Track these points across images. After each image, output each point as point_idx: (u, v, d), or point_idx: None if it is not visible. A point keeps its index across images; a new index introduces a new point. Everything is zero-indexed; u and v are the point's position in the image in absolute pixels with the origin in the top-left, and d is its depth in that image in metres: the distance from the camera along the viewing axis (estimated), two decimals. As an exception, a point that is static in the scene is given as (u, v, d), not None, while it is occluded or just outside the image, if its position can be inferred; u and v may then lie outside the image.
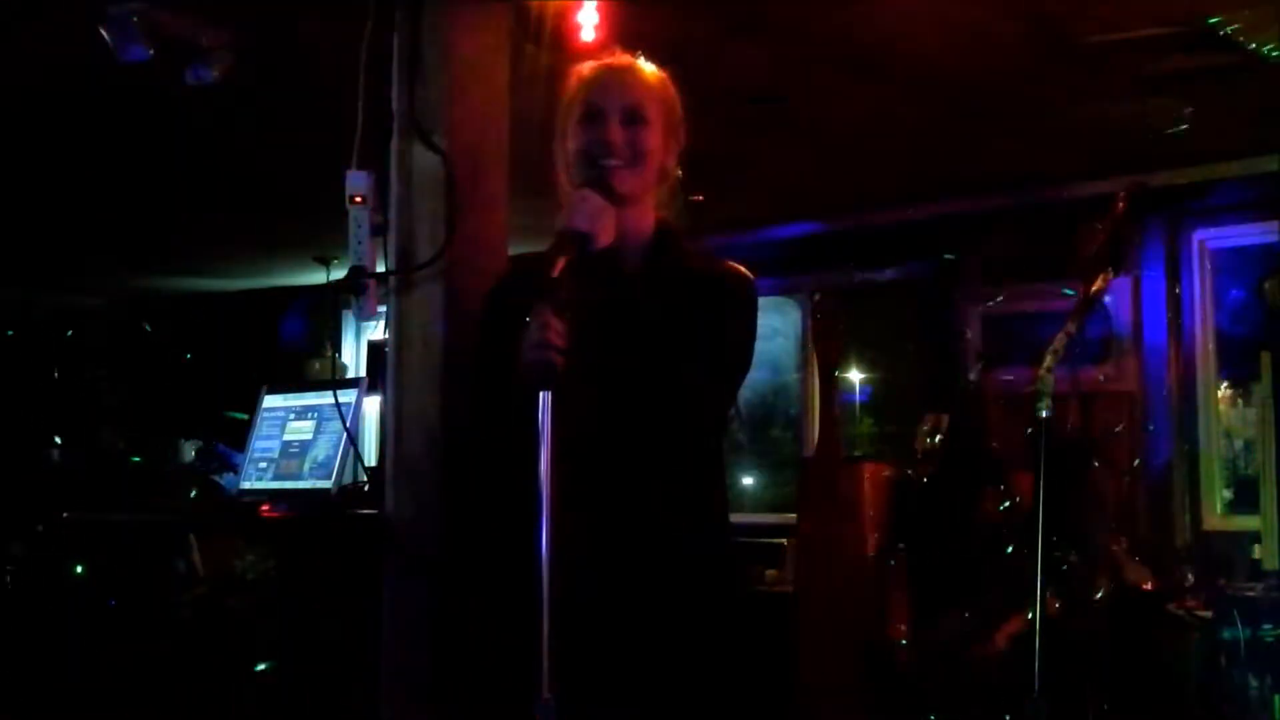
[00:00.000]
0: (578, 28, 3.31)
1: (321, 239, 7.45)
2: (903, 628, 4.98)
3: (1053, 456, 3.12)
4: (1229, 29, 4.01)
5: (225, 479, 6.13)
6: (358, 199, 2.73)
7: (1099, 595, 4.76)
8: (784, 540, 6.25)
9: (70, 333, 9.82)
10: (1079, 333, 3.51)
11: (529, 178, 2.52)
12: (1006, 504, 5.02)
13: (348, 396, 3.13)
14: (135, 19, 3.63)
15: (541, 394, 1.92)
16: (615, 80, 2.28)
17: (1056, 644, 3.83)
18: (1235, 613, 4.17)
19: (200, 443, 7.41)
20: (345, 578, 3.02)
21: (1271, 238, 5.63)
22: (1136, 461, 5.83)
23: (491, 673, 2.24)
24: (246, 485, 3.43)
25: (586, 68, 2.33)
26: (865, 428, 7.00)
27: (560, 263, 2.01)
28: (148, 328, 9.80)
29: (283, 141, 5.39)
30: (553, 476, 1.89)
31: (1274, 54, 4.14)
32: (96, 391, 9.65)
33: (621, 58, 2.34)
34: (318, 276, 8.32)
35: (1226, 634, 4.16)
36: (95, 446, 8.89)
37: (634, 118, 2.25)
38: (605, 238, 2.09)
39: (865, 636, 5.13)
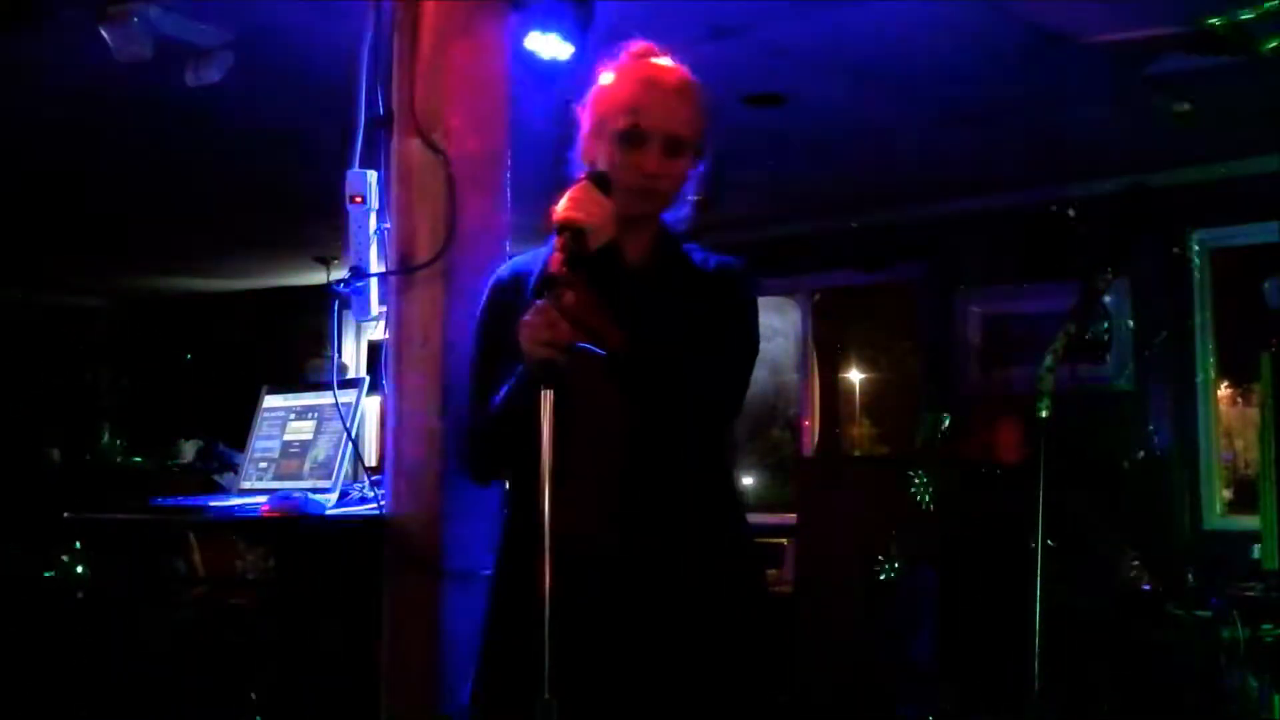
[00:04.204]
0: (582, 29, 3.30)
1: (321, 239, 7.46)
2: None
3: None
4: (1229, 29, 4.01)
5: (225, 479, 6.15)
6: (358, 199, 2.74)
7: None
8: (784, 540, 6.25)
9: (70, 334, 9.82)
10: (1079, 333, 3.52)
11: (529, 178, 2.52)
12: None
13: (348, 396, 3.13)
14: (135, 19, 3.63)
15: (544, 391, 1.92)
16: (665, 104, 2.18)
17: (1057, 644, 3.83)
18: (1235, 613, 4.17)
19: (200, 443, 7.43)
20: (345, 578, 3.02)
21: (1271, 238, 5.63)
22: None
23: (493, 673, 2.23)
24: (246, 485, 3.43)
25: (634, 72, 2.23)
26: (865, 428, 7.01)
27: (558, 257, 2.01)
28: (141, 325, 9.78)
29: (283, 141, 5.39)
30: (559, 472, 1.89)
31: (1274, 54, 4.14)
32: (96, 391, 9.66)
33: (669, 71, 2.24)
34: (318, 276, 8.34)
35: (1226, 634, 4.16)
36: (95, 446, 8.90)
37: (675, 149, 2.18)
38: (605, 231, 2.05)
39: (865, 636, 5.13)
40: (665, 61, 2.27)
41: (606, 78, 2.26)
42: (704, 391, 2.14)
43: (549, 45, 2.99)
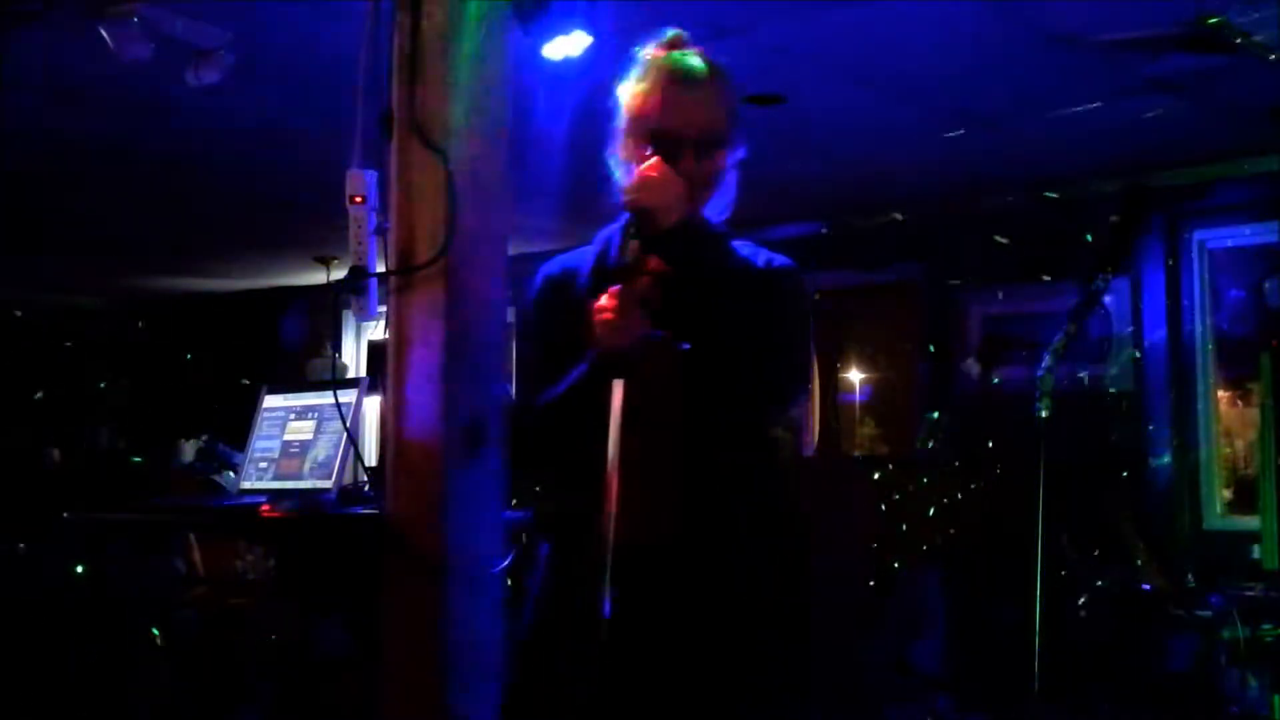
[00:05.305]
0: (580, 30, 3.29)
1: (321, 239, 7.46)
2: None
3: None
4: (1229, 29, 4.01)
5: (225, 479, 6.15)
6: (358, 199, 2.73)
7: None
8: (784, 540, 6.24)
9: (70, 334, 9.83)
10: (1079, 333, 3.52)
11: (529, 178, 2.52)
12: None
13: (348, 396, 3.14)
14: (135, 19, 3.63)
15: (615, 380, 1.90)
16: (691, 104, 2.16)
17: (1057, 643, 3.84)
18: (1235, 612, 4.18)
19: (200, 443, 7.42)
20: (345, 578, 3.02)
21: (1271, 238, 5.63)
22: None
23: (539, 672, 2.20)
24: (247, 485, 3.43)
25: (662, 72, 2.20)
26: (866, 428, 7.00)
27: (634, 246, 1.96)
28: (140, 324, 9.80)
29: (283, 141, 5.39)
30: (631, 463, 1.87)
31: (1274, 54, 4.14)
32: (96, 391, 9.66)
33: (696, 68, 2.21)
34: (318, 276, 8.34)
35: (1226, 634, 4.17)
36: (95, 446, 8.90)
37: (707, 148, 2.17)
38: (677, 209, 2.01)
39: (866, 637, 5.13)
40: (692, 54, 2.24)
41: (635, 74, 2.23)
42: (767, 376, 2.08)
43: (564, 44, 2.94)
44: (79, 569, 4.68)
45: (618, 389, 1.90)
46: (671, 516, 2.08)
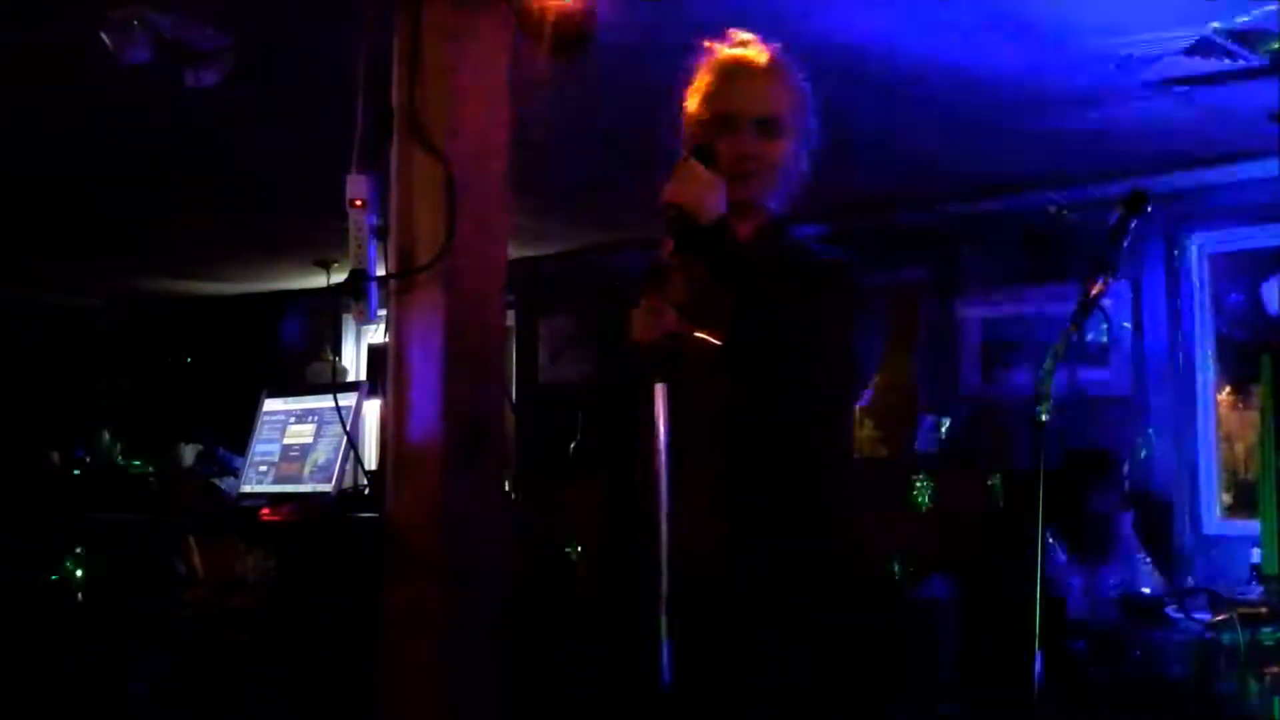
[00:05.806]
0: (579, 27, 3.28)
1: (322, 242, 7.45)
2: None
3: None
4: (1229, 31, 4.01)
5: (225, 482, 6.14)
6: (358, 202, 2.73)
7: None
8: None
9: (70, 334, 9.82)
10: (1079, 336, 3.51)
11: (529, 178, 2.51)
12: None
13: (348, 400, 3.13)
14: (136, 22, 3.63)
15: (657, 384, 1.88)
16: (751, 87, 2.20)
17: (1057, 644, 3.84)
18: (1235, 616, 4.18)
19: (201, 446, 7.42)
20: (345, 581, 3.02)
21: (1270, 241, 5.64)
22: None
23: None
24: (246, 488, 3.43)
25: (722, 56, 2.24)
26: (867, 430, 6.99)
27: (668, 245, 1.96)
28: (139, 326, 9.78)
29: (283, 142, 5.39)
30: (672, 465, 1.85)
31: (1272, 55, 4.15)
32: (96, 392, 9.65)
33: (756, 54, 2.25)
34: (318, 279, 8.33)
35: (1226, 638, 4.17)
36: (95, 448, 8.89)
37: (768, 129, 2.18)
38: (712, 209, 2.00)
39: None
40: (755, 45, 2.27)
41: (701, 70, 2.26)
42: (801, 374, 2.04)
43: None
44: (79, 569, 4.68)
45: (660, 391, 1.88)
46: (716, 522, 2.04)
